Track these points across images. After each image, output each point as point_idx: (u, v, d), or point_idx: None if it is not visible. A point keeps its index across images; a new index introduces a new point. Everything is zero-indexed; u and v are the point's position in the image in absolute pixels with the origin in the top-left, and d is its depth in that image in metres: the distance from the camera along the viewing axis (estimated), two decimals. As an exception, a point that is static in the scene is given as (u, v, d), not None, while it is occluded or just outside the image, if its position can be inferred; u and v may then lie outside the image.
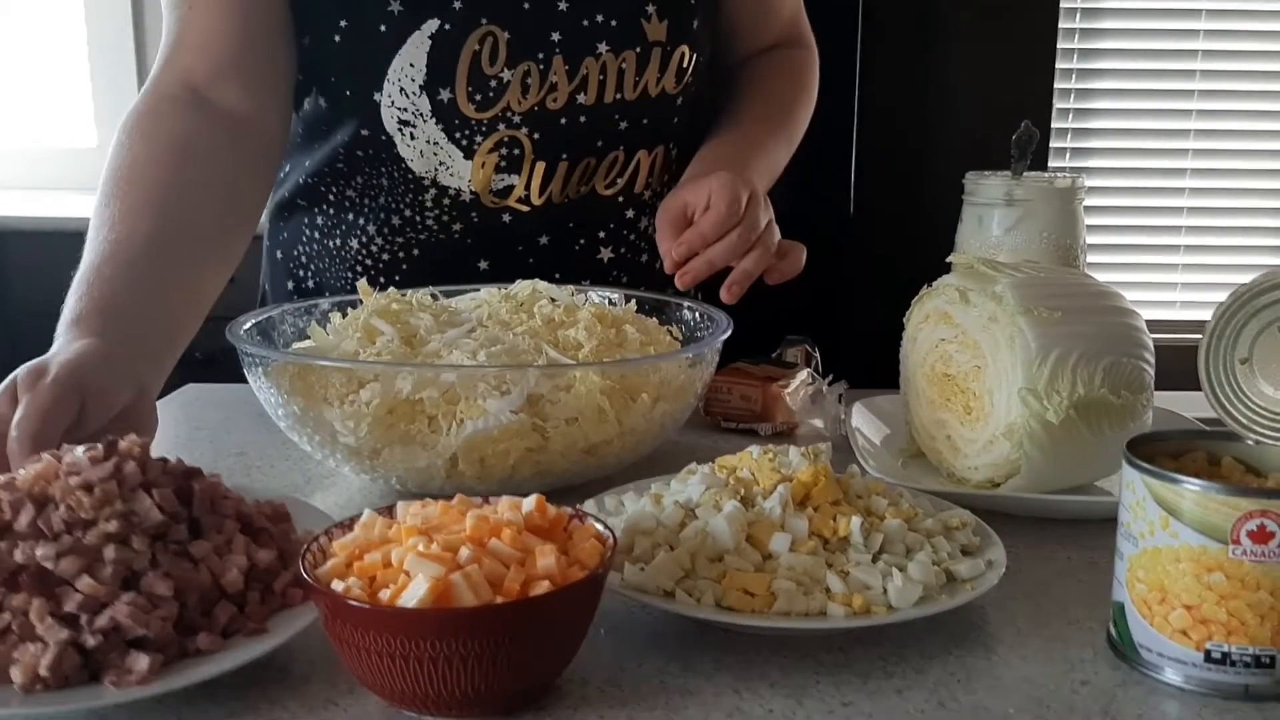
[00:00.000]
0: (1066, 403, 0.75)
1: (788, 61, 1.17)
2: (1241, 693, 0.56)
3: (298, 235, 1.12)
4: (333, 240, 1.09)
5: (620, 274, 1.11)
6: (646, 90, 1.02)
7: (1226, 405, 0.63)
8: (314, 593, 0.53)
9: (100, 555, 0.55)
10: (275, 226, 1.16)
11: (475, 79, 0.97)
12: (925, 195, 2.03)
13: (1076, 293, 0.82)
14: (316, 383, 0.78)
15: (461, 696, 0.52)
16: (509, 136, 1.00)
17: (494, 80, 0.97)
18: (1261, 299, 0.63)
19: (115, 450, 0.61)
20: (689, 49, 1.03)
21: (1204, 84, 2.64)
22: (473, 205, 1.02)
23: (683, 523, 0.65)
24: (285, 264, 1.14)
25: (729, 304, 0.91)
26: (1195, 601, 0.56)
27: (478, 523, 0.55)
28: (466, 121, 0.99)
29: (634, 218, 1.10)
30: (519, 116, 0.99)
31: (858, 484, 0.68)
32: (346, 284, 1.09)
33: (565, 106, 1.00)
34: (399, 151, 1.01)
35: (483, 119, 0.99)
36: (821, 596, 0.60)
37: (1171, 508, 0.56)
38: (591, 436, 0.78)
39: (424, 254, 1.06)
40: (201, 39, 0.95)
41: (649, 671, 0.58)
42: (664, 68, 1.02)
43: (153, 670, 0.53)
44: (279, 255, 1.15)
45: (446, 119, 0.98)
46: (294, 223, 1.12)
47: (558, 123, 1.00)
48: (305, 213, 1.11)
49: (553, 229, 1.06)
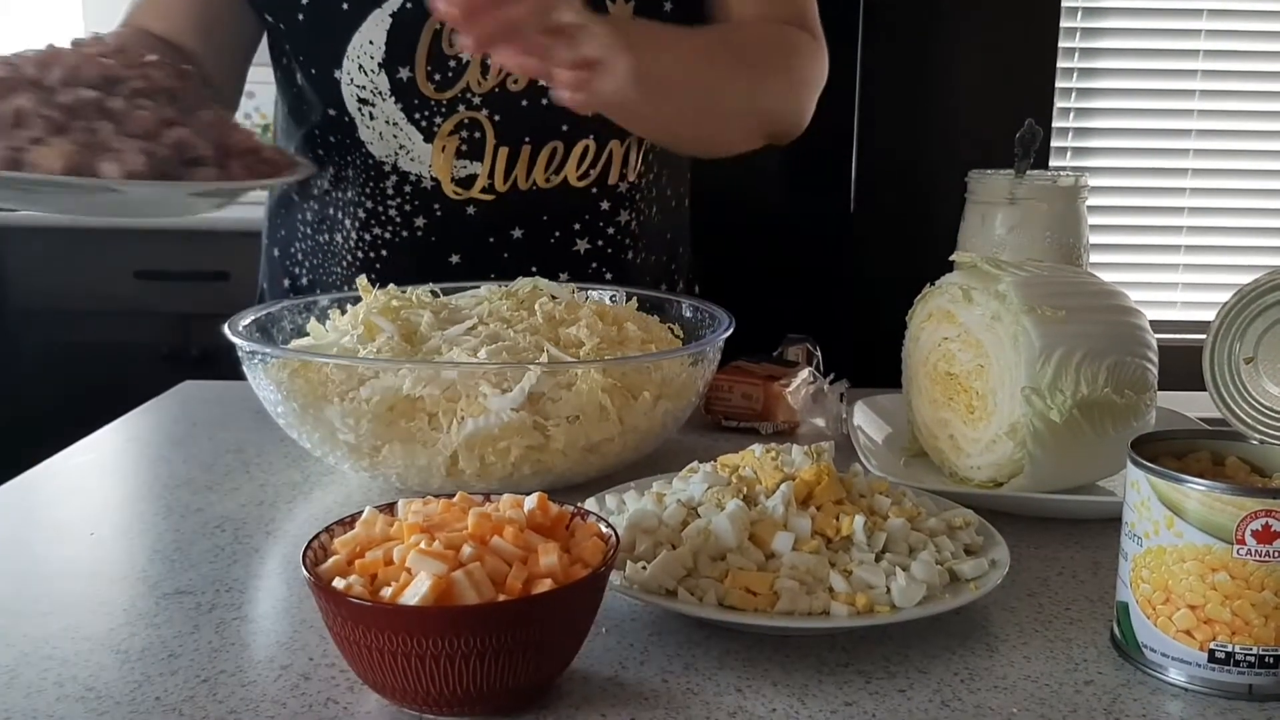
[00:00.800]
0: (1070, 402, 0.75)
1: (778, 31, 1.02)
2: (1245, 692, 0.55)
3: (293, 232, 1.12)
4: (321, 235, 1.09)
5: (600, 267, 1.09)
6: None
7: (1231, 405, 0.63)
8: (315, 590, 0.53)
9: (139, 101, 0.75)
10: (273, 224, 1.16)
11: (435, 58, 0.97)
12: (927, 194, 2.03)
13: (1080, 292, 0.81)
14: (316, 379, 0.78)
15: (463, 695, 0.51)
16: (469, 118, 0.99)
17: (453, 60, 0.97)
18: (1266, 298, 0.62)
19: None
20: None
21: (1205, 83, 2.63)
22: (435, 195, 1.02)
23: (685, 521, 0.64)
24: (281, 261, 1.14)
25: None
26: (1199, 601, 0.55)
27: (480, 520, 0.55)
28: (426, 102, 0.99)
29: (610, 210, 1.08)
30: (479, 98, 0.99)
31: (860, 483, 0.68)
32: (335, 279, 1.09)
33: (527, 88, 0.99)
34: (360, 135, 1.01)
35: (442, 99, 0.98)
36: (824, 596, 0.60)
37: (1176, 507, 0.55)
38: (593, 435, 0.77)
39: (393, 249, 1.06)
40: (162, 8, 0.98)
41: (651, 670, 0.58)
42: None
43: (210, 178, 0.75)
44: (276, 253, 1.15)
45: (405, 98, 0.98)
46: (290, 219, 1.13)
47: (519, 105, 0.99)
48: (298, 208, 1.11)
49: (525, 221, 1.05)
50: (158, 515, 0.78)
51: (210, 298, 2.39)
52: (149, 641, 0.60)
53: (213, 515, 0.78)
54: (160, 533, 0.75)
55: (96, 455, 0.91)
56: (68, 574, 0.69)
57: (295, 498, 0.82)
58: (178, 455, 0.90)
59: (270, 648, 0.60)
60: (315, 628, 0.61)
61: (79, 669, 0.57)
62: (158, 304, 2.51)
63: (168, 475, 0.86)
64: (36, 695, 0.54)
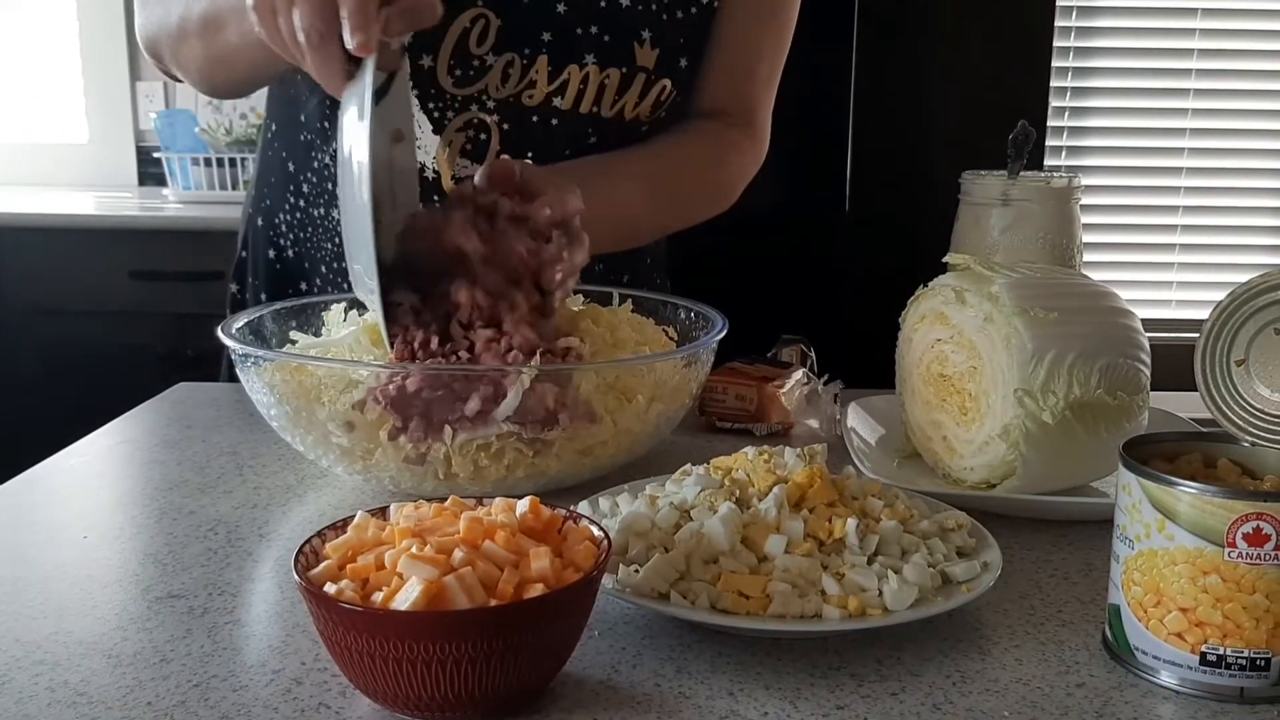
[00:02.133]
0: (1062, 404, 0.75)
1: (710, 146, 1.09)
2: (1237, 695, 0.56)
3: (281, 202, 1.12)
4: (316, 209, 1.09)
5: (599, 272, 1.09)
6: (623, 112, 1.02)
7: (1222, 407, 0.63)
8: (306, 595, 0.53)
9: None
10: (259, 192, 1.16)
11: (459, 55, 0.97)
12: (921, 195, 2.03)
13: (1073, 293, 0.81)
14: (309, 383, 0.78)
15: (455, 700, 0.51)
16: (479, 119, 0.99)
17: (477, 60, 0.98)
18: (1258, 300, 0.62)
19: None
20: (671, 84, 1.03)
21: (1200, 83, 2.64)
22: (434, 188, 1.02)
23: (678, 524, 0.64)
24: (266, 232, 1.15)
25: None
26: (1191, 604, 0.55)
27: (471, 525, 0.55)
28: (442, 94, 0.99)
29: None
30: (493, 102, 0.99)
31: (853, 485, 0.68)
32: (325, 255, 1.09)
33: (540, 105, 1.00)
34: None
35: (458, 94, 0.99)
36: (817, 599, 0.60)
37: (1167, 510, 0.56)
38: (586, 438, 0.77)
39: None
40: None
41: (643, 674, 0.58)
42: (644, 95, 1.02)
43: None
44: (260, 222, 1.15)
45: (423, 86, 0.98)
46: (280, 190, 1.12)
47: (529, 120, 1.00)
48: (291, 179, 1.11)
49: None
50: (150, 518, 0.78)
51: (205, 299, 2.39)
52: (141, 646, 0.60)
53: (206, 518, 0.78)
54: (153, 536, 0.75)
55: (90, 458, 0.91)
56: (60, 577, 0.69)
57: (289, 501, 0.82)
58: (171, 458, 0.90)
59: (262, 652, 0.60)
60: (307, 632, 0.61)
61: (70, 673, 0.57)
62: (153, 305, 2.50)
63: (161, 478, 0.86)
64: (28, 700, 0.54)
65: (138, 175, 3.01)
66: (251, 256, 1.17)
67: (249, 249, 1.18)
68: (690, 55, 1.04)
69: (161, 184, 2.87)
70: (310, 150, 1.08)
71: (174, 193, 2.76)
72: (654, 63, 1.01)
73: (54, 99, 3.00)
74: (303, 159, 1.09)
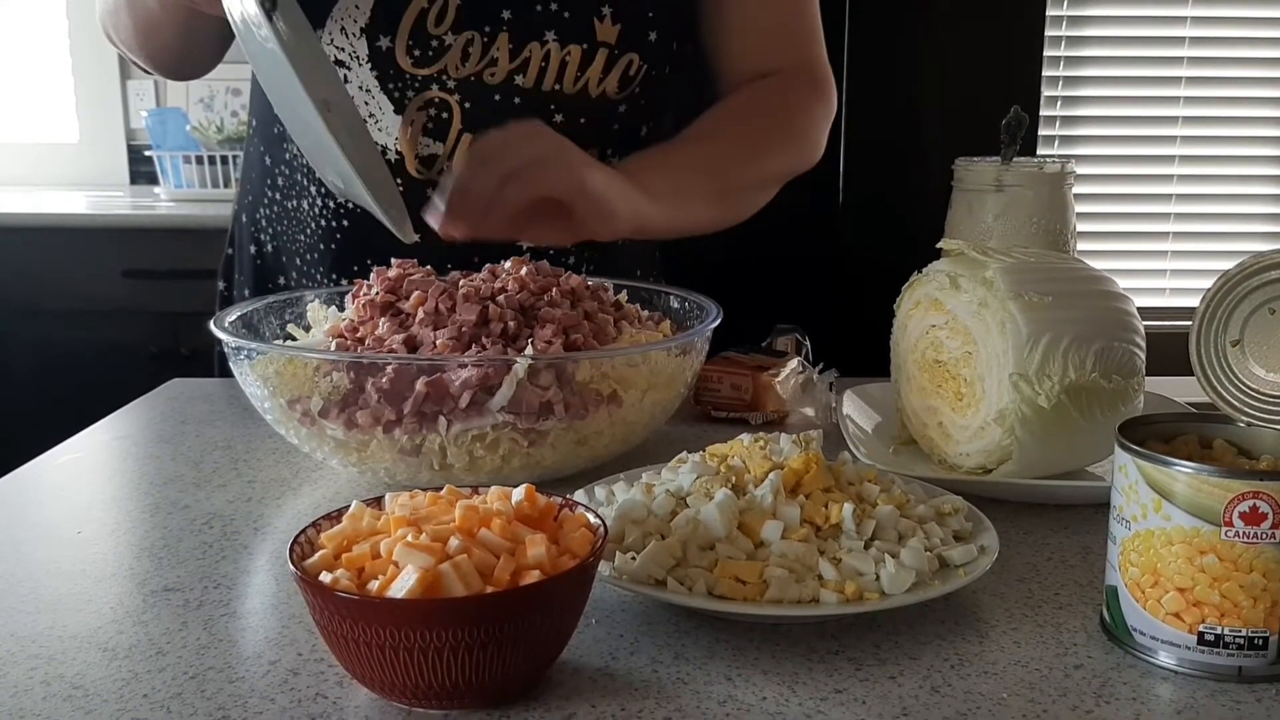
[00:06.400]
0: (1058, 388, 0.75)
1: (771, 91, 1.07)
2: (1235, 674, 0.56)
3: (260, 197, 1.12)
4: (290, 201, 1.09)
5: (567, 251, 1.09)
6: (587, 89, 1.01)
7: (1218, 388, 0.63)
8: (302, 584, 0.53)
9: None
10: (243, 189, 1.16)
11: (418, 35, 0.97)
12: (915, 181, 2.04)
13: (1067, 277, 0.81)
14: (303, 375, 0.77)
15: (452, 687, 0.51)
16: (440, 99, 0.99)
17: (436, 40, 0.97)
18: (1251, 281, 0.62)
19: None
20: (639, 58, 1.02)
21: (1191, 70, 2.64)
22: (398, 169, 1.01)
23: (674, 511, 0.64)
24: (249, 227, 1.15)
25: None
26: (1188, 584, 0.55)
27: (467, 513, 0.55)
28: (401, 74, 0.98)
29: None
30: (454, 81, 0.99)
31: (849, 471, 0.68)
32: (300, 247, 1.09)
33: (502, 84, 0.99)
34: None
35: (418, 74, 0.98)
36: (814, 584, 0.59)
37: (1164, 491, 0.56)
38: (581, 427, 0.77)
39: (355, 220, 1.05)
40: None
41: (641, 661, 0.58)
42: (608, 70, 1.01)
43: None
44: (244, 219, 1.16)
45: (382, 68, 0.98)
46: (259, 184, 1.13)
47: (491, 99, 0.99)
48: (268, 173, 1.11)
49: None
50: (145, 512, 0.78)
51: (198, 297, 2.38)
52: (137, 639, 0.60)
53: (200, 512, 0.78)
54: (148, 530, 0.75)
55: (84, 453, 0.91)
56: (55, 572, 0.68)
57: (284, 494, 0.81)
58: (165, 452, 0.90)
59: (258, 644, 0.59)
60: (303, 623, 0.61)
61: (66, 667, 0.57)
62: (145, 303, 2.50)
63: (155, 472, 0.86)
64: (23, 694, 0.54)
65: (129, 174, 3.01)
66: (237, 253, 1.17)
67: (235, 246, 1.18)
68: (660, 29, 1.02)
69: (153, 182, 2.86)
70: (283, 141, 1.07)
71: (166, 191, 2.75)
72: (615, 38, 1.00)
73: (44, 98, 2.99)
74: (277, 152, 1.09)
